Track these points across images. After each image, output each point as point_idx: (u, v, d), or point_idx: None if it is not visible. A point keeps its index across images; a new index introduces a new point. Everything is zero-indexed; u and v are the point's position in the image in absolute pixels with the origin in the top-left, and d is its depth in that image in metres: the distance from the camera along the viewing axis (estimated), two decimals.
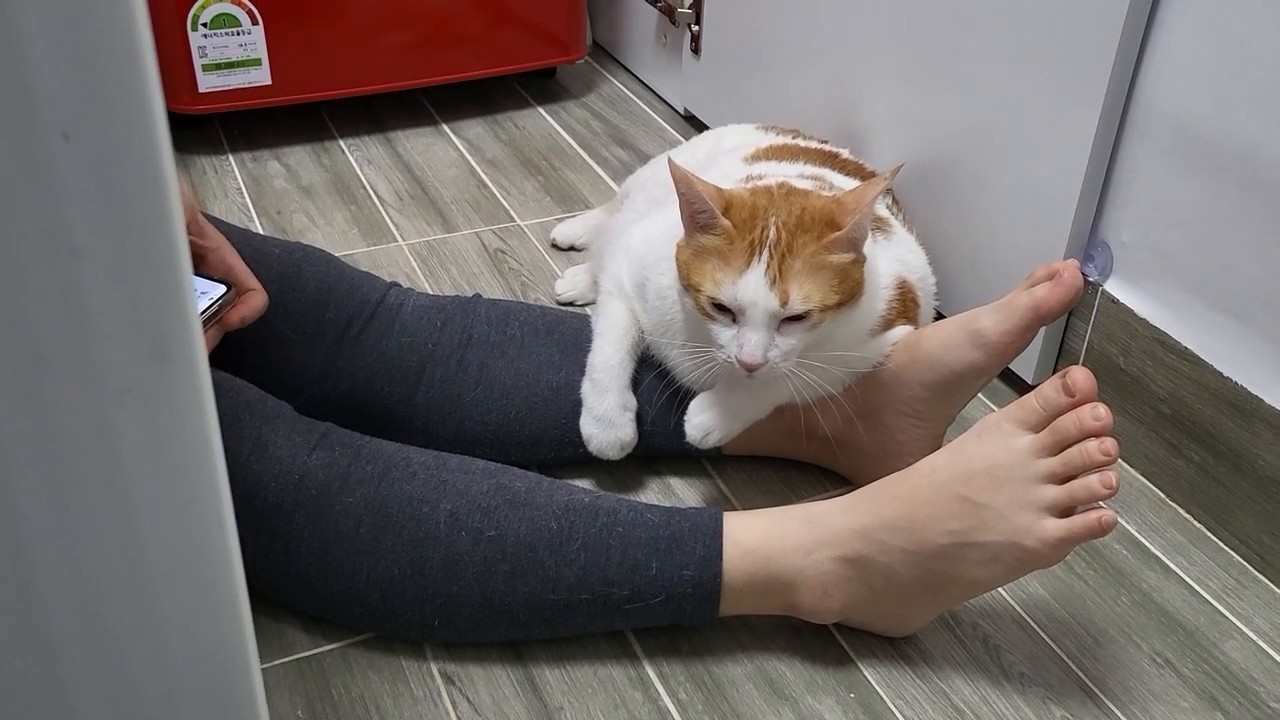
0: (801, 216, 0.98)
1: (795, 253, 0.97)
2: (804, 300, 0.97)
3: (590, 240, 1.56)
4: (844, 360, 1.07)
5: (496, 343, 1.18)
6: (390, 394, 1.15)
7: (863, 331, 1.08)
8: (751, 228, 0.98)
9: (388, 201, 1.72)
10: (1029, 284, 1.03)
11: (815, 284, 0.97)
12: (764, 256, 0.97)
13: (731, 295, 0.98)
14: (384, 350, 1.15)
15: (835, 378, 1.09)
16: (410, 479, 0.97)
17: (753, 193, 1.02)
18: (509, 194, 1.75)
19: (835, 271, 0.98)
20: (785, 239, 0.97)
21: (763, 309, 0.97)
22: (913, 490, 0.93)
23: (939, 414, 1.10)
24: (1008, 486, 0.89)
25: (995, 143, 1.28)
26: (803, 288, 0.97)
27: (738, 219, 0.99)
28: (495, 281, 1.53)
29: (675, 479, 1.21)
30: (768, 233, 0.97)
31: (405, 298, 1.20)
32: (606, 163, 1.85)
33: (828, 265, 0.98)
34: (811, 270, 0.97)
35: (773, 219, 0.98)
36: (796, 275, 0.97)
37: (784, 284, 0.96)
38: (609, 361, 1.14)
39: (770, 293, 0.97)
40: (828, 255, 0.98)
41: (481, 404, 1.16)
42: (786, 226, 0.98)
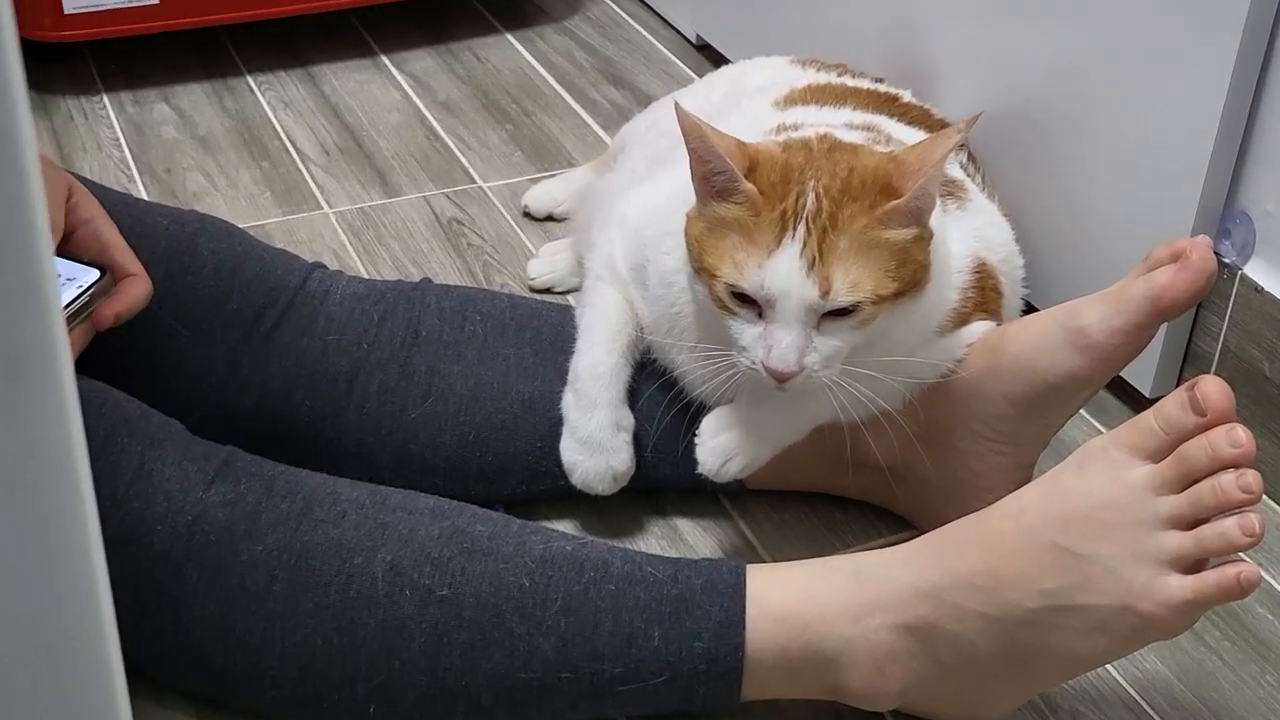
0: (849, 180, 0.98)
1: (840, 227, 0.97)
2: (851, 289, 0.97)
3: (574, 208, 1.56)
4: (903, 367, 1.07)
5: (451, 342, 1.18)
6: (313, 409, 1.15)
7: (928, 329, 1.08)
8: (783, 194, 0.98)
9: (310, 157, 1.72)
10: (1146, 267, 1.03)
11: (866, 268, 0.97)
12: (799, 232, 0.97)
13: (757, 283, 0.97)
14: (304, 352, 1.15)
15: (892, 389, 1.09)
16: (338, 521, 0.96)
17: (785, 148, 1.02)
18: (468, 147, 1.75)
19: (892, 252, 0.98)
20: (828, 209, 0.97)
21: (797, 301, 0.97)
22: (994, 537, 0.93)
23: (1028, 437, 1.10)
24: (1118, 533, 0.89)
25: (1102, 85, 1.28)
26: (850, 273, 0.97)
27: (765, 182, 0.99)
28: (450, 261, 1.53)
29: (684, 521, 1.21)
30: (804, 201, 0.97)
31: (332, 283, 1.19)
32: (595, 106, 1.84)
33: (882, 244, 0.97)
34: (861, 250, 0.97)
35: (811, 183, 0.98)
36: (842, 257, 0.97)
37: (825, 268, 0.96)
38: (598, 367, 1.14)
39: (808, 280, 0.96)
40: (883, 231, 0.98)
41: (432, 422, 1.16)
42: (829, 193, 0.97)
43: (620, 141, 1.51)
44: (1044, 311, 1.09)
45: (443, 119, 1.80)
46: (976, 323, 1.11)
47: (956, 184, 1.18)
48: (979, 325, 1.11)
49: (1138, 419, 0.92)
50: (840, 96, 1.25)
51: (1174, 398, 0.91)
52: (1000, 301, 1.16)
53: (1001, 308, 1.16)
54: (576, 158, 1.72)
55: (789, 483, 1.21)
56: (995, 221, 1.22)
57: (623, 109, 1.81)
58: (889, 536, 1.19)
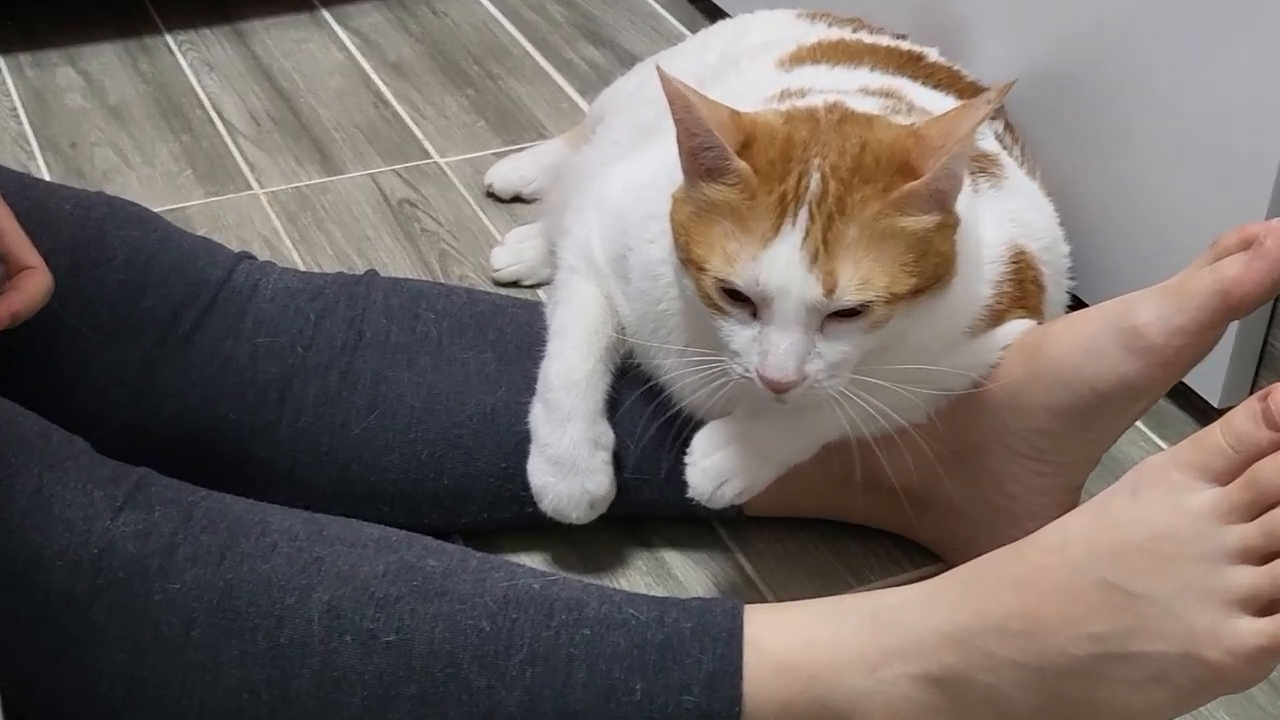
0: (861, 157, 0.98)
1: (850, 214, 0.97)
2: (861, 287, 0.97)
3: (545, 187, 1.56)
4: (927, 375, 1.07)
5: (400, 345, 1.18)
6: (239, 424, 1.15)
7: (956, 330, 1.08)
8: (783, 174, 0.98)
9: (238, 128, 1.71)
10: (1213, 256, 1.03)
11: (879, 262, 0.97)
12: (801, 219, 0.97)
13: (751, 278, 0.97)
14: (229, 357, 1.15)
15: (913, 402, 1.09)
16: (268, 554, 0.96)
17: (788, 119, 1.02)
18: (422, 116, 1.75)
19: (910, 242, 0.98)
20: (835, 193, 0.97)
21: (797, 300, 0.97)
22: (1033, 574, 0.92)
23: (1074, 455, 1.10)
24: (1179, 569, 0.89)
25: (1161, 39, 1.29)
26: (860, 267, 0.97)
27: (762, 160, 0.99)
28: (400, 250, 1.53)
29: (672, 553, 1.21)
30: (808, 183, 0.97)
31: (262, 276, 1.19)
32: (571, 69, 1.84)
33: (899, 233, 0.98)
34: (874, 240, 0.97)
35: (817, 161, 0.98)
36: (850, 248, 0.97)
37: (831, 262, 0.96)
38: (572, 374, 1.14)
39: (810, 275, 0.96)
40: (899, 218, 0.98)
41: (378, 439, 1.16)
42: (837, 173, 0.97)
43: (599, 109, 1.51)
44: (1093, 308, 1.09)
45: (393, 83, 1.80)
46: (1014, 322, 1.11)
47: (990, 159, 1.19)
48: (1016, 325, 1.11)
49: (1202, 434, 0.92)
50: (855, 55, 1.25)
51: (1244, 409, 0.90)
52: (1042, 297, 1.16)
53: (1043, 304, 1.16)
54: (549, 128, 1.72)
55: (795, 508, 1.21)
56: (1036, 203, 1.22)
57: (603, 71, 1.81)
58: (911, 571, 1.19)
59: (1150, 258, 1.31)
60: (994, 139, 1.25)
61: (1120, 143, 1.34)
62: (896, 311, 0.99)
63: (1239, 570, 0.88)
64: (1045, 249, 1.18)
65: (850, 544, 1.22)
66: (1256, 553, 0.88)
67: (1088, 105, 1.36)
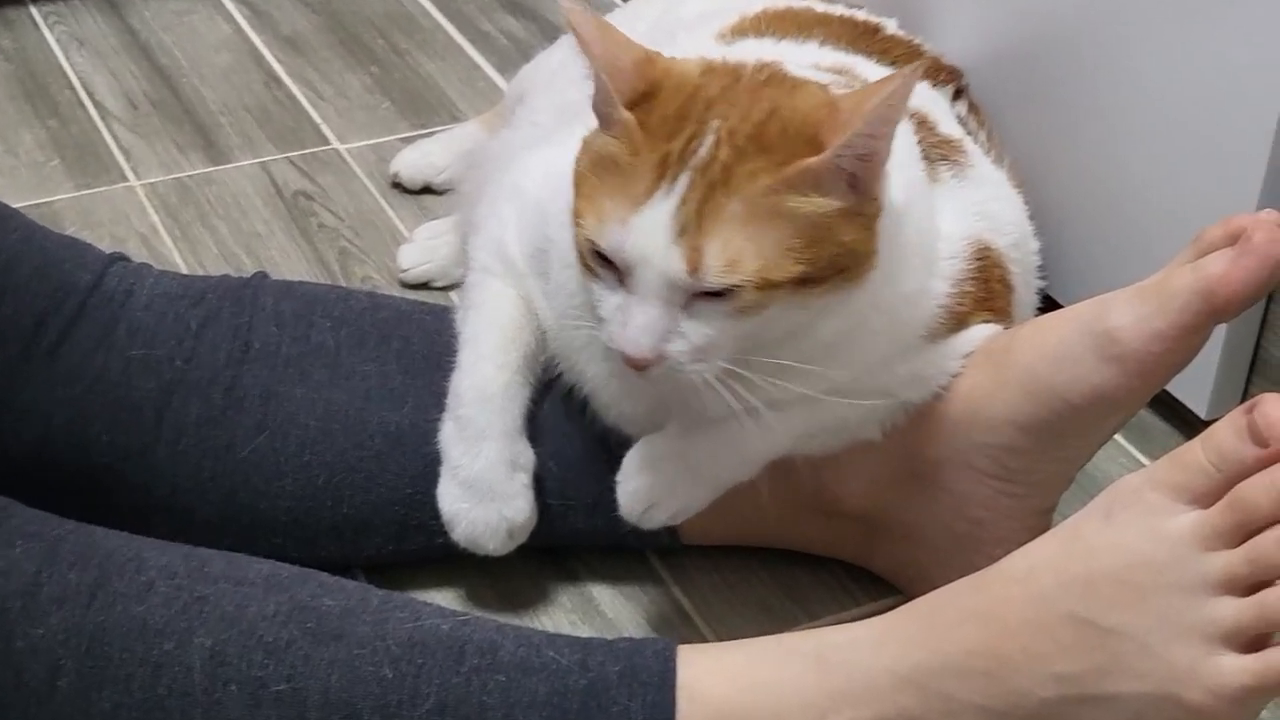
0: (765, 124, 0.98)
1: (734, 186, 0.97)
2: (726, 268, 0.96)
3: (459, 176, 1.56)
4: (877, 382, 1.08)
5: (293, 357, 1.18)
6: (112, 446, 1.14)
7: (908, 333, 1.09)
8: (674, 133, 0.98)
9: (112, 112, 1.71)
10: (1196, 252, 1.04)
11: (755, 242, 0.97)
12: (680, 185, 0.97)
13: (616, 242, 0.98)
14: (100, 372, 1.15)
15: (863, 416, 1.10)
16: (144, 594, 0.96)
17: (705, 72, 1.02)
18: (320, 97, 1.74)
19: (801, 226, 0.98)
20: (725, 160, 0.97)
21: (659, 273, 0.97)
22: (997, 606, 0.93)
23: (1045, 474, 1.11)
24: (1156, 601, 0.90)
25: (1140, 13, 1.30)
26: (729, 246, 0.96)
27: (657, 115, 0.99)
28: (295, 248, 1.53)
29: (601, 588, 1.22)
30: (697, 145, 0.98)
31: (137, 280, 1.19)
32: (488, 42, 1.85)
33: (787, 213, 0.97)
34: (757, 219, 0.97)
35: (716, 123, 0.98)
36: (726, 224, 0.96)
37: (699, 237, 0.96)
38: (486, 387, 1.14)
39: (674, 248, 0.96)
40: (790, 197, 0.97)
41: (268, 462, 1.16)
42: (735, 139, 0.98)
43: (519, 88, 1.51)
44: (1064, 311, 1.10)
45: (287, 60, 1.80)
46: (978, 326, 1.12)
47: (953, 145, 1.19)
48: (981, 329, 1.12)
49: (1181, 451, 0.93)
50: (805, 27, 1.25)
51: (1228, 423, 0.91)
52: (1010, 298, 1.17)
53: (1012, 306, 1.17)
54: (463, 110, 1.72)
55: (737, 535, 1.22)
56: (1003, 194, 1.23)
57: (524, 45, 1.82)
58: (865, 605, 1.20)
59: (1127, 253, 1.33)
60: (957, 122, 1.26)
61: (1095, 125, 1.35)
62: (775, 300, 0.98)
63: (1222, 602, 0.89)
64: (1014, 245, 1.19)
65: (798, 574, 1.23)
66: (1240, 582, 0.89)
67: (1060, 84, 1.38)
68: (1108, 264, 1.34)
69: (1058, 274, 1.30)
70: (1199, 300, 1.01)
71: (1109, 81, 1.33)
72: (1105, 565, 0.91)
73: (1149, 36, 1.30)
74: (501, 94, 1.68)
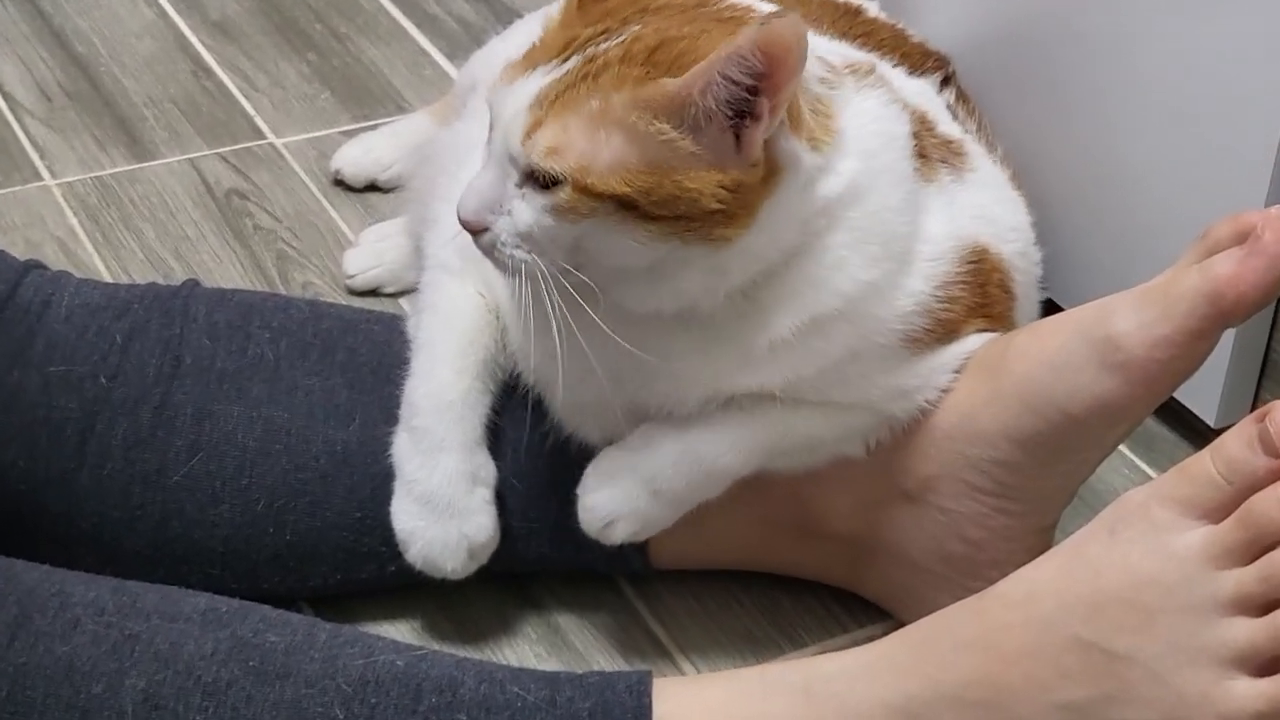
0: (669, 46, 1.01)
1: (601, 85, 1.00)
2: (549, 150, 0.99)
3: (407, 172, 1.56)
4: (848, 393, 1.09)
5: (229, 371, 1.18)
6: (30, 472, 1.14)
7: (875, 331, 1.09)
8: (595, 21, 1.03)
9: (24, 105, 1.70)
10: (1202, 251, 1.04)
11: (591, 143, 0.99)
12: (566, 68, 1.01)
13: (493, 99, 1.04)
14: (16, 391, 1.14)
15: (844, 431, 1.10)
16: (69, 633, 0.96)
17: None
18: (253, 87, 1.74)
19: (642, 150, 0.99)
20: (610, 60, 1.00)
21: (502, 136, 1.02)
22: (996, 632, 0.94)
23: (1044, 490, 1.12)
24: (1165, 623, 0.90)
25: None
26: (565, 133, 0.99)
27: (600, 5, 1.04)
28: (228, 253, 1.52)
29: (568, 617, 1.22)
30: (604, 40, 1.01)
31: (56, 290, 1.19)
32: (435, 26, 1.84)
33: (630, 130, 0.99)
34: (602, 122, 0.99)
35: (634, 29, 1.01)
36: (572, 112, 1.00)
37: (544, 113, 1.00)
38: (444, 394, 1.15)
39: (519, 115, 1.01)
40: (643, 118, 0.99)
41: (203, 487, 1.15)
42: (633, 48, 1.01)
43: (470, 76, 1.51)
44: (1062, 315, 1.10)
45: (216, 47, 1.80)
46: (972, 336, 1.13)
47: (953, 147, 1.20)
48: (974, 339, 1.13)
49: (1189, 463, 0.93)
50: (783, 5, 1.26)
51: (1238, 433, 0.92)
52: (1012, 305, 1.17)
53: (1013, 314, 1.18)
54: (409, 100, 1.72)
55: (714, 559, 1.22)
56: (1007, 198, 1.24)
57: (475, 29, 1.82)
58: (853, 632, 1.20)
59: (1129, 251, 1.33)
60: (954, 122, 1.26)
61: (1093, 114, 1.36)
62: (594, 214, 1.00)
63: (1234, 623, 0.90)
64: (1019, 254, 1.20)
65: (781, 600, 1.23)
66: (1253, 602, 0.90)
67: (1055, 70, 1.38)
68: (1108, 263, 1.35)
69: (1056, 274, 1.30)
70: (1206, 304, 1.01)
71: (1108, 67, 1.34)
72: (1110, 586, 0.92)
73: (1151, 19, 1.30)
74: (451, 82, 1.68)
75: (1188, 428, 1.36)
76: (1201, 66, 1.27)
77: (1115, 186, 1.36)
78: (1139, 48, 1.32)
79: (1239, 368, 1.31)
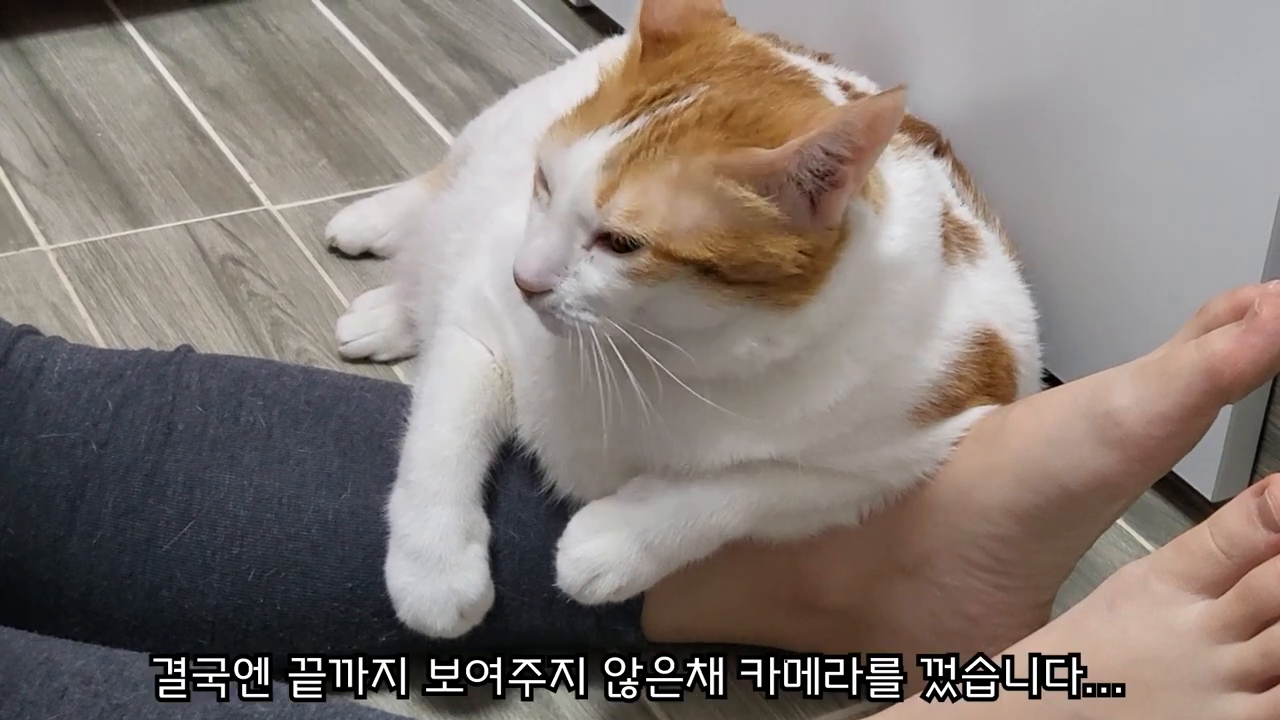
0: (745, 110, 1.01)
1: (680, 148, 0.99)
2: (631, 214, 0.99)
3: (400, 240, 1.56)
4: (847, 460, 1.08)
5: (221, 439, 1.18)
6: (20, 540, 1.13)
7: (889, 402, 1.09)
8: (660, 78, 1.02)
9: (20, 170, 1.70)
10: (1200, 327, 1.05)
11: (672, 207, 0.99)
12: (634, 127, 1.00)
13: (551, 156, 1.02)
14: (6, 457, 1.14)
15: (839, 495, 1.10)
16: (56, 702, 0.95)
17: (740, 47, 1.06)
18: (249, 154, 1.74)
19: (727, 214, 0.99)
20: (686, 121, 1.00)
21: (570, 197, 1.00)
22: (994, 709, 0.93)
23: (1041, 565, 1.12)
24: (1165, 700, 0.90)
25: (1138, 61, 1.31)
26: (645, 196, 0.99)
27: (663, 59, 1.04)
28: (222, 319, 1.52)
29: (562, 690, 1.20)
30: (672, 99, 1.01)
31: (48, 356, 1.19)
32: (432, 95, 1.85)
33: (716, 196, 0.99)
34: (685, 186, 0.99)
35: (703, 88, 1.01)
36: (651, 175, 0.99)
37: (620, 174, 0.99)
38: (441, 450, 1.14)
39: (591, 175, 1.00)
40: (727, 183, 0.99)
41: (193, 556, 1.15)
42: (708, 108, 1.00)
43: (465, 144, 1.52)
44: (1060, 390, 1.11)
45: (213, 113, 1.80)
46: (975, 408, 1.13)
47: (968, 232, 1.21)
48: (972, 413, 1.13)
49: (1188, 537, 0.93)
50: None
51: (1237, 506, 0.92)
52: (1014, 389, 1.18)
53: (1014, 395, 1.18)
54: (405, 168, 1.73)
55: (709, 631, 1.22)
56: (1016, 288, 1.24)
57: (472, 98, 1.83)
58: (849, 708, 1.20)
59: (1127, 326, 1.33)
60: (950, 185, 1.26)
61: (1088, 188, 1.36)
62: (673, 277, 0.99)
63: (1234, 699, 0.89)
64: (1026, 346, 1.21)
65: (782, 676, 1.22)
66: (1254, 678, 0.89)
67: (1049, 143, 1.39)
68: (1105, 336, 1.35)
69: (1052, 347, 1.30)
70: (1203, 380, 1.01)
71: (1103, 140, 1.34)
72: (1109, 662, 0.91)
73: (1145, 95, 1.31)
74: (448, 150, 1.68)
75: (1185, 501, 1.36)
76: (1198, 140, 1.27)
77: (1112, 259, 1.36)
78: (1134, 121, 1.32)
79: (1237, 441, 1.30)
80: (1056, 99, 1.38)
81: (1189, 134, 1.28)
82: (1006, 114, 1.41)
